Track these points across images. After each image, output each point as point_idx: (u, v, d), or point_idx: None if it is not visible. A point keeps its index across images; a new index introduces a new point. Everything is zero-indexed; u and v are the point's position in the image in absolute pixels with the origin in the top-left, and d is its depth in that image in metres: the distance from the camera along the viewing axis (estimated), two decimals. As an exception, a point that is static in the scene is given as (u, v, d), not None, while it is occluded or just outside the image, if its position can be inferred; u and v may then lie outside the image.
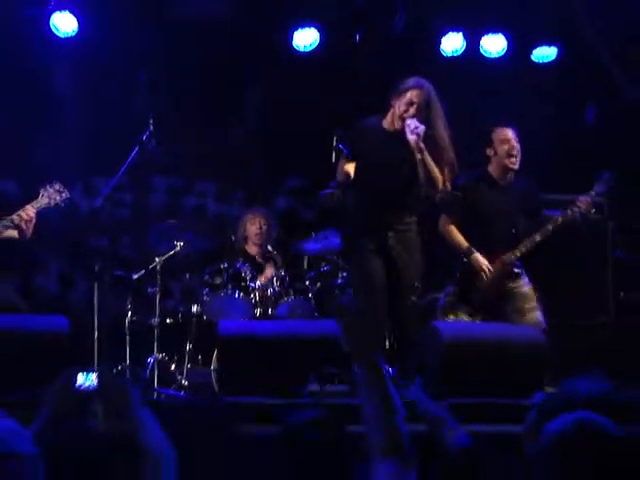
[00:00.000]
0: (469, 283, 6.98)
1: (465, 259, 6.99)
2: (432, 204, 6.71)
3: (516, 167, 7.03)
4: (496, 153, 7.03)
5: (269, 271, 8.16)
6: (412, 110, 6.43)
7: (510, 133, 7.02)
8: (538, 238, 6.93)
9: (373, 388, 2.81)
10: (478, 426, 5.07)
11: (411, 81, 6.54)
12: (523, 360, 5.94)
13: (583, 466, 2.24)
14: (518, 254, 6.94)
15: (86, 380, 3.38)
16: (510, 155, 6.98)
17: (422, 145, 6.29)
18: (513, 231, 7.05)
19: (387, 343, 7.04)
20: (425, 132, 6.31)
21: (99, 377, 3.41)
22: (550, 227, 6.92)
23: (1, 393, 4.98)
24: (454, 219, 7.10)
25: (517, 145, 7.00)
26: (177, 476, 2.81)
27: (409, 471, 2.58)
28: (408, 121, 6.37)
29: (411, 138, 6.29)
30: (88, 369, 3.40)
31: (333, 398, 5.74)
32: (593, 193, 7.00)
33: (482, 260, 6.94)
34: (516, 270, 6.97)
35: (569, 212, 6.93)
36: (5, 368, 5.33)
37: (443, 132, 6.48)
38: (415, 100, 6.45)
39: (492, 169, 7.11)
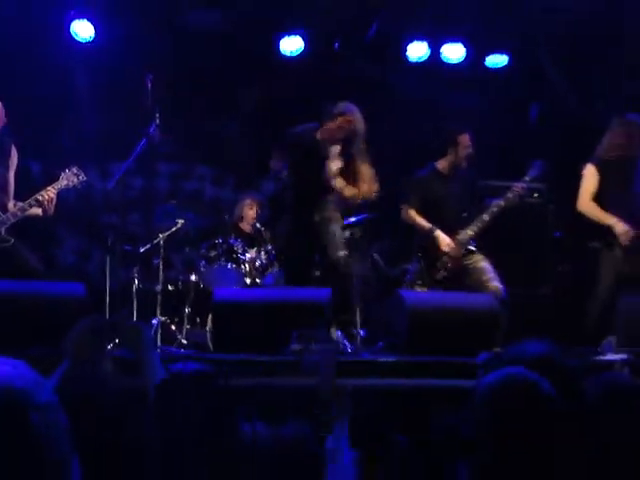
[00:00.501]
0: (432, 260, 6.98)
1: (430, 237, 6.99)
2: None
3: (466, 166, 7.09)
4: (457, 153, 7.07)
5: (258, 246, 8.13)
6: (341, 133, 6.48)
7: (469, 138, 7.06)
8: (486, 218, 6.99)
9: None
10: (437, 381, 5.06)
11: (342, 106, 6.56)
12: (477, 324, 5.92)
13: (507, 416, 2.20)
14: (471, 233, 6.97)
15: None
16: (467, 157, 7.04)
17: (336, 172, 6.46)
18: (464, 214, 7.08)
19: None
20: (348, 156, 6.48)
21: (115, 320, 3.39)
22: (495, 209, 7.00)
23: (26, 348, 4.94)
24: (413, 205, 7.11)
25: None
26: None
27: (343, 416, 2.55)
28: (332, 148, 6.45)
29: (331, 165, 6.43)
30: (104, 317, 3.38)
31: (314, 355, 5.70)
32: (527, 178, 7.12)
33: (444, 236, 6.95)
34: (471, 247, 6.99)
35: (509, 195, 7.03)
36: (30, 328, 5.29)
37: (363, 159, 6.55)
38: (344, 125, 6.48)
39: (443, 163, 7.16)
